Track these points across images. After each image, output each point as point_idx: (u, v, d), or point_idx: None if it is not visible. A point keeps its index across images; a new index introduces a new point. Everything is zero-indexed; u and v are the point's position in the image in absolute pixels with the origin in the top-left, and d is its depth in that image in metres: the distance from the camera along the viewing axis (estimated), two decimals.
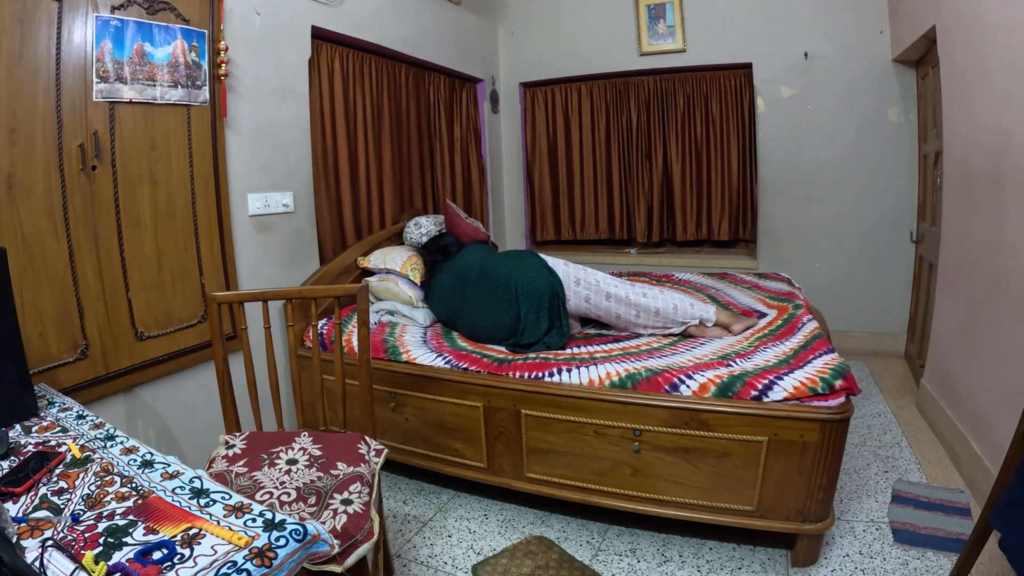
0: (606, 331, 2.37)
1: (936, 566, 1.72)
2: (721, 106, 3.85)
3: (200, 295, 2.02)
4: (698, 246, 4.21)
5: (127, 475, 1.06)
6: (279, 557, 0.85)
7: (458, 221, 2.96)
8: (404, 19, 3.11)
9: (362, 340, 1.64)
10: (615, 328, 2.33)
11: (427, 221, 3.03)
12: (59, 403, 1.39)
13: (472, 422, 2.02)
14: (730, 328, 2.23)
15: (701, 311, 2.22)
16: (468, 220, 3.00)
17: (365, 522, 1.23)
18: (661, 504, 1.83)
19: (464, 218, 2.99)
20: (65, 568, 0.77)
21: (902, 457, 2.37)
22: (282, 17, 2.34)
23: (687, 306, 2.22)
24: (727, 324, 2.24)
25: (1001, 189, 1.97)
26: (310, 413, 2.03)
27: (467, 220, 2.99)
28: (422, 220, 3.04)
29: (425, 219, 3.05)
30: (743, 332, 2.21)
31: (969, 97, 2.24)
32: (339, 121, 2.80)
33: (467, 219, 3.00)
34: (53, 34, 1.57)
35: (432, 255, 2.65)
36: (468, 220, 3.00)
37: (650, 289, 2.25)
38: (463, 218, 2.99)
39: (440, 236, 2.79)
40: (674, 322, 2.21)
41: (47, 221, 1.59)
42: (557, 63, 4.11)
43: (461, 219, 2.98)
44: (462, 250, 2.58)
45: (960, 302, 2.36)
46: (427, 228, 2.99)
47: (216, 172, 2.06)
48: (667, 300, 2.21)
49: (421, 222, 3.03)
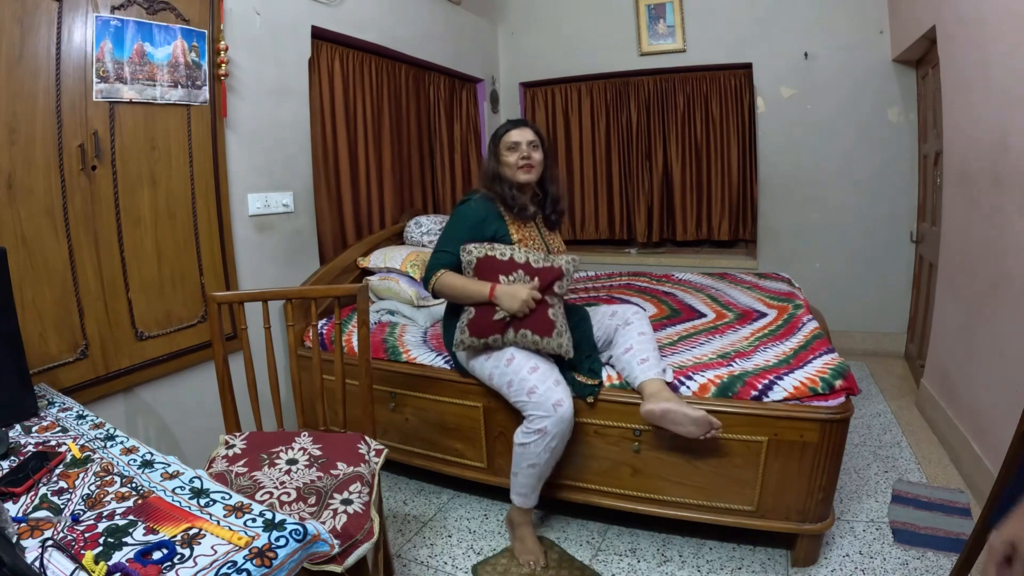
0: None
1: (936, 566, 1.72)
2: (721, 106, 3.85)
3: (200, 295, 2.02)
4: (698, 246, 4.21)
5: (127, 475, 1.06)
6: (279, 557, 0.85)
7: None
8: (404, 19, 3.11)
9: (362, 340, 1.63)
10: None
11: (427, 221, 3.04)
12: (59, 403, 1.39)
13: (472, 422, 2.02)
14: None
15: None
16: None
17: (365, 522, 1.23)
18: (661, 504, 1.83)
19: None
20: (65, 568, 0.77)
21: (902, 457, 2.37)
22: (282, 17, 2.34)
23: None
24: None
25: (1001, 189, 1.97)
26: (310, 413, 2.03)
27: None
28: (423, 220, 3.05)
29: (425, 219, 3.05)
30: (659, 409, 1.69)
31: (969, 97, 2.24)
32: (339, 121, 2.80)
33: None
34: (53, 34, 1.57)
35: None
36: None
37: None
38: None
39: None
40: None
41: (47, 221, 1.59)
42: (557, 63, 4.11)
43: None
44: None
45: (960, 302, 2.36)
46: (427, 228, 2.99)
47: (216, 172, 2.06)
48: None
49: (422, 221, 3.04)
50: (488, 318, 1.76)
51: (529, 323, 1.76)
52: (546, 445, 1.70)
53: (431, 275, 1.83)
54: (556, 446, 1.72)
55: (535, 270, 1.79)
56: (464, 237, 1.84)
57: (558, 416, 1.67)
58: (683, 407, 1.62)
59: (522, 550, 1.83)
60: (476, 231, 1.85)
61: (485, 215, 1.86)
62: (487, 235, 1.85)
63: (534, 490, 1.80)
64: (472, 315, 1.79)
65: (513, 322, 1.76)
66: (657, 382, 1.74)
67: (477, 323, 1.78)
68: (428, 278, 1.84)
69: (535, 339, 1.76)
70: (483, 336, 1.78)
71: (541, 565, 1.79)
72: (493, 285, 1.76)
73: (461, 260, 1.82)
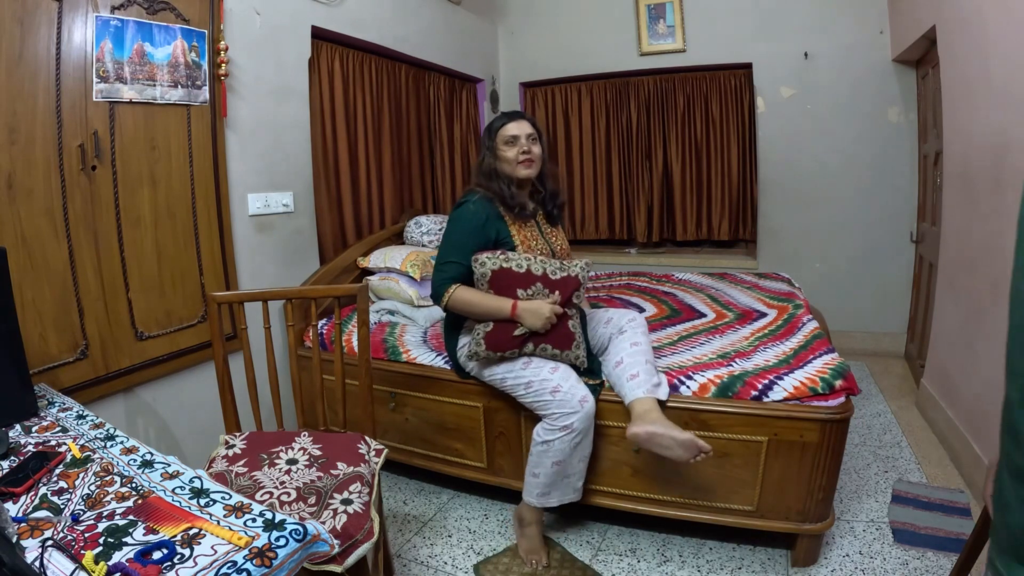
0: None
1: (936, 566, 1.72)
2: (721, 106, 3.85)
3: (200, 295, 2.02)
4: (698, 246, 4.21)
5: (127, 475, 1.06)
6: (279, 557, 0.84)
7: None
8: (404, 19, 3.11)
9: (362, 340, 1.63)
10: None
11: (427, 221, 3.03)
12: (59, 403, 1.39)
13: (472, 422, 2.02)
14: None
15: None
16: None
17: (365, 522, 1.23)
18: (661, 504, 1.83)
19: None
20: (65, 568, 0.77)
21: (902, 457, 2.37)
22: (282, 17, 2.34)
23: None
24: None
25: (1001, 189, 1.97)
26: (310, 413, 2.03)
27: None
28: (423, 220, 3.05)
29: (425, 219, 3.05)
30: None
31: (969, 97, 2.24)
32: (339, 121, 2.80)
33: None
34: (53, 34, 1.57)
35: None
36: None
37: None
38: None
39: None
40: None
41: (47, 221, 1.59)
42: (557, 63, 4.11)
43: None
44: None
45: (960, 302, 2.36)
46: (427, 228, 2.99)
47: (216, 172, 2.06)
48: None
49: (422, 221, 3.04)
50: (508, 333, 1.72)
51: (550, 338, 1.73)
52: (572, 441, 1.68)
53: (443, 290, 1.75)
54: (581, 442, 1.71)
55: (554, 283, 1.74)
56: (468, 243, 1.77)
57: (585, 412, 1.67)
58: (670, 430, 1.55)
59: (527, 548, 1.83)
60: (479, 235, 1.78)
61: (486, 217, 1.80)
62: (489, 238, 1.80)
63: (556, 488, 1.76)
64: (490, 328, 1.74)
65: (533, 337, 1.73)
66: (646, 401, 1.66)
67: (495, 337, 1.74)
68: (439, 293, 1.76)
69: (555, 352, 1.75)
70: (501, 350, 1.75)
71: (543, 564, 1.79)
72: (515, 302, 1.70)
73: (473, 271, 1.75)
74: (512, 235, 1.84)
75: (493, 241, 1.81)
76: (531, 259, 1.77)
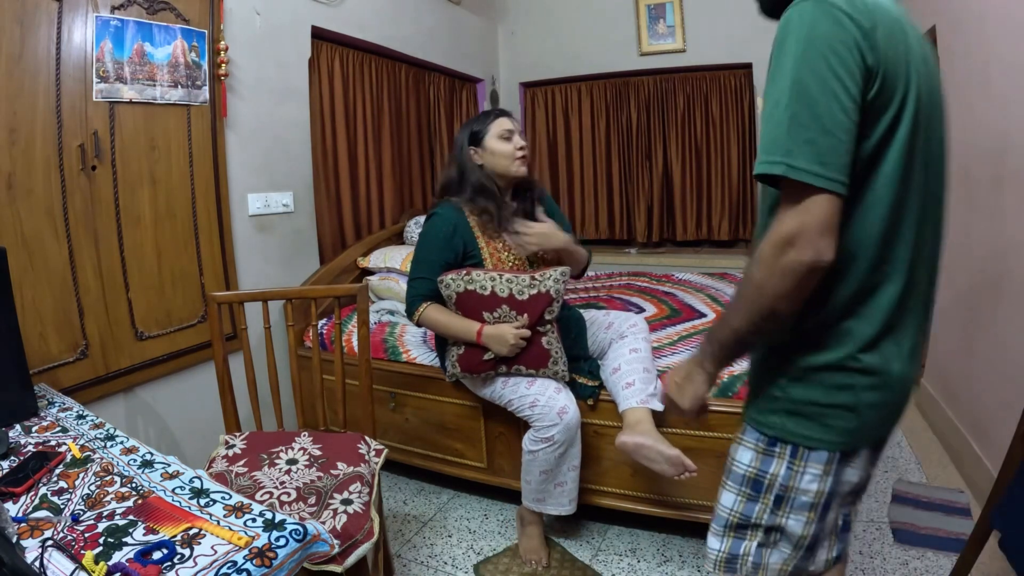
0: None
1: (936, 566, 1.72)
2: (721, 106, 3.85)
3: (200, 295, 2.02)
4: (698, 246, 4.20)
5: (127, 475, 1.06)
6: (279, 557, 0.85)
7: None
8: (404, 19, 3.11)
9: (362, 340, 1.63)
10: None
11: None
12: (59, 403, 1.39)
13: (472, 422, 2.02)
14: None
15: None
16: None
17: (365, 522, 1.23)
18: (661, 504, 1.83)
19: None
20: (65, 568, 0.77)
21: (902, 457, 2.37)
22: (282, 17, 2.34)
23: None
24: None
25: (1001, 189, 1.97)
26: (310, 413, 2.03)
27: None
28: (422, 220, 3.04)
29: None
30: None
31: (969, 97, 2.24)
32: (339, 121, 2.80)
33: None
34: (53, 34, 1.57)
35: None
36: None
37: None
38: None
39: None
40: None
41: (47, 221, 1.59)
42: (557, 63, 4.10)
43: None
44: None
45: (960, 302, 2.36)
46: None
47: (216, 172, 2.06)
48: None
49: (421, 221, 3.03)
50: (477, 357, 1.70)
51: (522, 360, 1.69)
52: (554, 452, 1.67)
53: (413, 308, 1.73)
54: (566, 452, 1.69)
55: (521, 304, 1.66)
56: (435, 259, 1.72)
57: (564, 424, 1.65)
58: (659, 444, 1.54)
59: (528, 547, 1.83)
60: (446, 250, 1.73)
61: (453, 229, 1.73)
62: (456, 251, 1.73)
63: (550, 496, 1.76)
64: (462, 352, 1.72)
65: (505, 359, 1.69)
66: (639, 411, 1.64)
67: (467, 360, 1.72)
68: (411, 310, 1.74)
69: (530, 372, 1.72)
70: (474, 372, 1.73)
71: (543, 564, 1.79)
72: (480, 327, 1.66)
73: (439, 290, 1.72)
74: (480, 247, 1.76)
75: (460, 255, 1.75)
76: (496, 278, 1.68)
